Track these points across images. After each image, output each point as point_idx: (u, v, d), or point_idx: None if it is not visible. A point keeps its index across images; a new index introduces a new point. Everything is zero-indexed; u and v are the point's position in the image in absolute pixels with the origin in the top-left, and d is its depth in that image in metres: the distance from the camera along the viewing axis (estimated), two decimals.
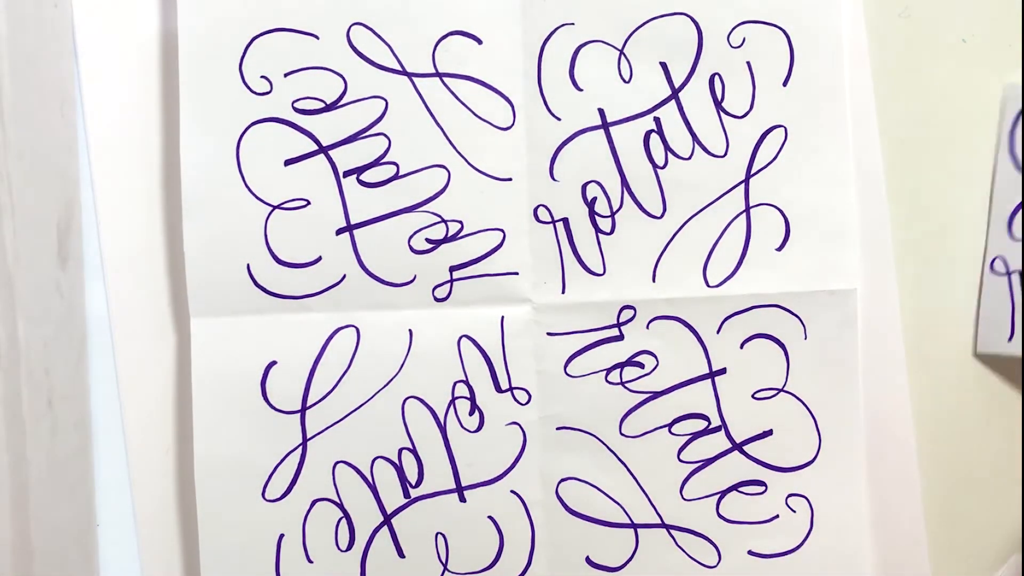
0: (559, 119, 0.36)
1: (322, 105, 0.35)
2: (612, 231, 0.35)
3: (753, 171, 0.35)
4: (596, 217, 0.35)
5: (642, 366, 0.36)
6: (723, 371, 0.36)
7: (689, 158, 0.35)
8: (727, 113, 0.35)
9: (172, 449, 0.37)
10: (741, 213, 0.35)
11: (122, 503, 0.37)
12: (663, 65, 0.35)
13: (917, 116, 0.37)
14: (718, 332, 0.36)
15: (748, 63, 0.35)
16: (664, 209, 0.35)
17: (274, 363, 0.36)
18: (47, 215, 0.34)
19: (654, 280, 0.35)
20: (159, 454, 0.37)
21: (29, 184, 0.33)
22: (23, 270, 0.32)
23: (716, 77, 0.35)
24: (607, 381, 0.36)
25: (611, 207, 0.35)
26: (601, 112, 0.35)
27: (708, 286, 0.36)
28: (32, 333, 0.33)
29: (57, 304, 0.35)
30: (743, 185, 0.35)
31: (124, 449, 0.37)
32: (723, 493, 0.37)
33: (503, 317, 0.36)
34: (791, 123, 0.35)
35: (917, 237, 0.37)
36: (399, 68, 0.35)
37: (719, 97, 0.35)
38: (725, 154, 0.35)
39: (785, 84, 0.35)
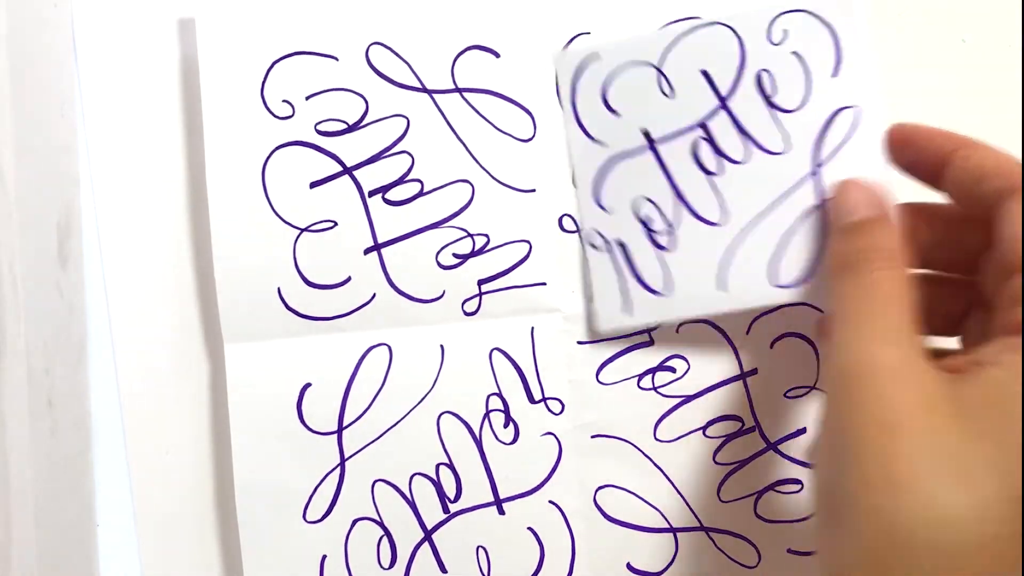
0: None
1: (345, 126, 0.35)
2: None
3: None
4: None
5: (673, 370, 0.36)
6: (754, 371, 0.36)
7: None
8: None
9: (172, 450, 0.37)
10: None
11: (122, 503, 0.37)
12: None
13: (914, 116, 0.37)
14: (747, 333, 0.36)
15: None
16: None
17: (309, 385, 0.36)
18: (47, 215, 0.34)
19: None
20: (159, 454, 0.37)
21: (29, 184, 0.33)
22: (23, 270, 0.32)
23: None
24: (639, 387, 0.36)
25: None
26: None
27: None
28: (32, 333, 0.32)
29: (57, 304, 0.34)
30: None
31: (124, 449, 0.37)
32: (760, 493, 0.37)
33: (533, 328, 0.36)
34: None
35: None
36: (419, 85, 0.36)
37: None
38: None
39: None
